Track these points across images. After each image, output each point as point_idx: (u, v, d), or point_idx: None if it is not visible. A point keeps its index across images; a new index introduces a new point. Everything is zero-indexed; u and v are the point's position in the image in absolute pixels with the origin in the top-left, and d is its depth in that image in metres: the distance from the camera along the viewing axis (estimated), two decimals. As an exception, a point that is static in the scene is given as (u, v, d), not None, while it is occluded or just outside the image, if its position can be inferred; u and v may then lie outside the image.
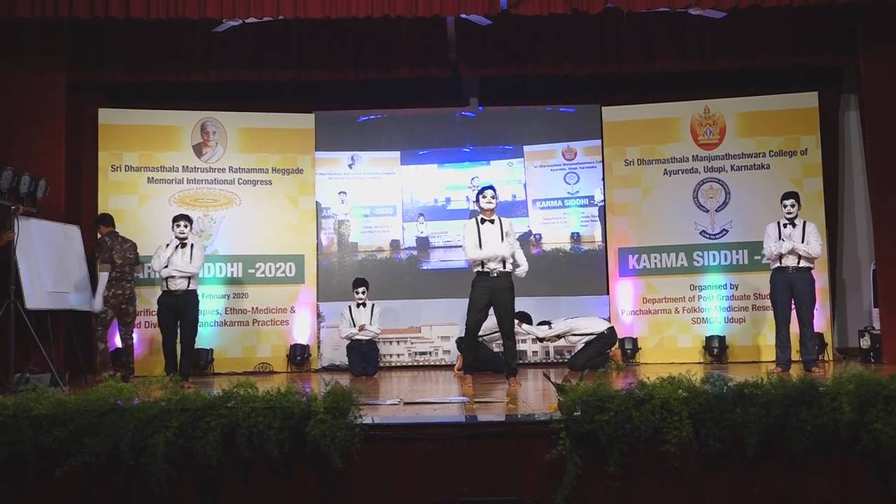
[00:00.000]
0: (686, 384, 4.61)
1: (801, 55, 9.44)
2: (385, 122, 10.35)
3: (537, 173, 10.27)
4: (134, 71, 9.41)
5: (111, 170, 9.53)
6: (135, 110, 9.64)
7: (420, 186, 10.33)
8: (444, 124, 10.37)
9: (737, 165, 9.75)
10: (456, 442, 4.60)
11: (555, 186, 10.19)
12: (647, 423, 4.44)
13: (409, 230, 10.28)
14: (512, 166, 10.33)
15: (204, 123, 9.82)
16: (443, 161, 10.36)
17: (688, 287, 9.70)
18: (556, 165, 10.29)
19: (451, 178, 10.34)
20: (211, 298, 9.53)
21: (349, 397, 4.58)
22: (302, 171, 9.99)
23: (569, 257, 10.10)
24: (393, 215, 10.29)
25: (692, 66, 9.58)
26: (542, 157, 10.33)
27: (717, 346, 9.38)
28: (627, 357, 9.42)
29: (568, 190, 10.23)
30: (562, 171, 10.26)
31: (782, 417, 4.52)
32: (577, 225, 10.18)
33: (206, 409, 4.54)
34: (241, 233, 9.74)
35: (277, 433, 4.45)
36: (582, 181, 10.20)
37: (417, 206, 10.31)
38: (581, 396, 4.54)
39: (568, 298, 9.77)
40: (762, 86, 9.82)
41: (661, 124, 9.93)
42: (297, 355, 9.59)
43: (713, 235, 9.72)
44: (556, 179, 10.24)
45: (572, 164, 10.24)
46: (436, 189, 10.32)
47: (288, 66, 9.56)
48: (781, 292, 7.82)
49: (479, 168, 10.33)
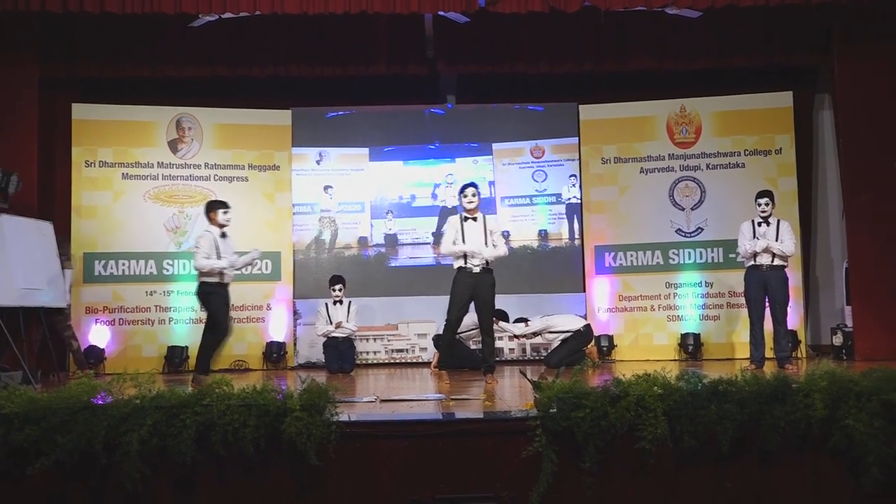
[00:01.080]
0: (661, 381, 4.63)
1: (776, 55, 9.52)
2: (354, 118, 10.32)
3: (506, 171, 10.32)
4: (108, 66, 9.33)
5: (85, 165, 9.44)
6: (109, 105, 9.56)
7: (388, 183, 10.33)
8: (414, 121, 10.38)
9: (712, 164, 9.83)
10: (432, 439, 4.59)
11: (523, 184, 10.26)
12: (622, 419, 4.46)
13: (378, 227, 10.28)
14: (477, 164, 10.35)
15: (179, 119, 9.75)
16: (408, 158, 10.36)
17: (663, 285, 9.76)
18: (524, 163, 10.35)
19: (416, 175, 10.35)
20: (186, 296, 9.47)
21: (325, 395, 4.57)
22: (278, 168, 9.95)
23: (536, 254, 10.19)
24: (361, 212, 10.27)
25: (669, 65, 9.64)
26: (510, 155, 10.38)
27: (692, 343, 9.45)
28: (603, 354, 9.46)
29: (536, 188, 10.29)
30: (530, 169, 10.33)
31: (756, 414, 4.55)
32: (544, 222, 10.26)
33: (181, 406, 4.51)
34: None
35: (253, 431, 4.43)
36: (550, 179, 10.27)
37: (386, 203, 10.31)
38: (557, 393, 4.55)
39: (544, 296, 9.80)
40: (738, 85, 9.89)
41: (637, 123, 9.99)
42: (274, 353, 9.56)
43: (689, 233, 9.79)
44: (524, 177, 10.31)
45: (540, 161, 10.30)
46: (403, 186, 10.32)
47: (264, 62, 9.52)
48: (755, 290, 7.89)
49: (445, 165, 10.33)
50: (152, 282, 9.49)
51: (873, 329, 8.68)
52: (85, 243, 9.37)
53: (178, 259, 9.56)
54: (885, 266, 8.79)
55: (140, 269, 9.48)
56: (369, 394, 6.15)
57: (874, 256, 8.86)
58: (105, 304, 9.36)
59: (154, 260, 9.53)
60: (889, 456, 4.44)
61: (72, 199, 9.36)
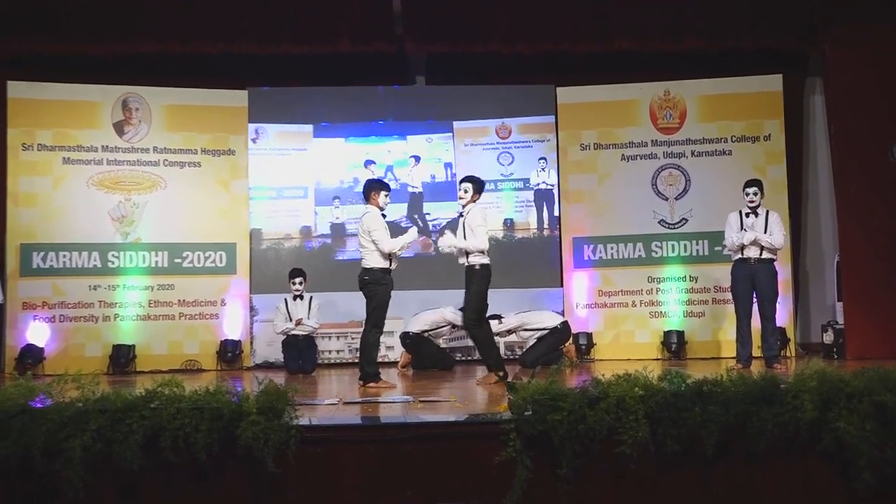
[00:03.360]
0: (643, 381, 4.67)
1: (765, 36, 9.56)
2: (297, 91, 10.15)
3: (467, 152, 10.19)
4: (48, 42, 9.17)
5: (22, 149, 9.31)
6: (49, 84, 9.42)
7: (334, 165, 10.08)
8: (367, 96, 10.20)
9: (697, 151, 9.90)
10: (399, 444, 4.59)
11: (486, 168, 10.05)
12: (601, 422, 4.49)
13: (323, 215, 10.07)
14: (431, 142, 10.12)
15: (126, 99, 9.64)
16: (354, 135, 10.08)
17: (645, 279, 9.82)
18: (488, 144, 10.24)
19: (358, 156, 10.09)
20: (133, 290, 9.40)
21: (284, 397, 4.56)
22: (234, 153, 9.87)
23: (501, 246, 9.98)
24: (303, 198, 10.09)
25: (652, 46, 9.65)
26: (473, 135, 10.24)
27: (676, 341, 9.52)
28: (582, 353, 9.50)
29: (501, 171, 10.19)
30: (494, 151, 10.22)
31: (742, 416, 4.60)
32: (510, 210, 10.21)
33: (127, 410, 4.47)
34: (166, 219, 9.59)
35: (205, 436, 4.41)
36: (517, 162, 10.20)
37: (332, 188, 10.11)
38: (532, 395, 4.56)
39: (519, 291, 9.80)
40: (725, 68, 9.94)
41: (618, 107, 10.02)
42: (228, 352, 9.50)
43: (672, 225, 9.85)
44: (488, 160, 10.19)
45: (506, 143, 10.23)
46: (349, 168, 10.04)
47: (219, 38, 9.41)
48: (743, 285, 7.97)
49: (392, 143, 10.07)
50: (96, 275, 9.38)
51: (865, 326, 8.78)
52: (22, 233, 9.25)
53: (124, 251, 9.46)
54: (879, 260, 8.90)
55: (83, 261, 9.37)
56: (331, 396, 6.14)
57: (867, 250, 8.96)
58: (44, 299, 9.24)
59: (98, 252, 9.42)
60: (881, 460, 4.50)
61: (7, 186, 9.22)
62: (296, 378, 8.24)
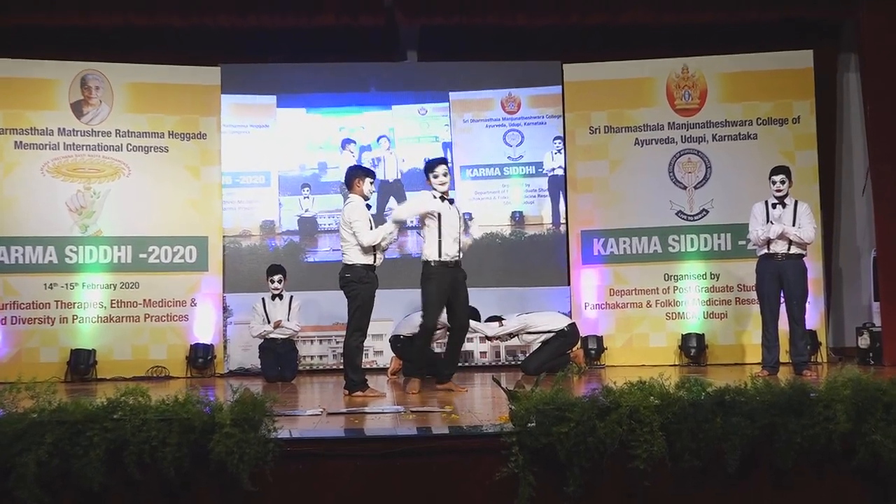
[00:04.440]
0: (658, 390, 4.67)
1: (794, 8, 9.58)
2: (277, 68, 9.93)
3: (467, 130, 9.89)
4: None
5: (-31, 132, 9.32)
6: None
7: (303, 144, 9.79)
8: (348, 68, 9.90)
9: (719, 135, 9.91)
10: (389, 459, 4.60)
11: (491, 148, 9.91)
12: (612, 435, 4.49)
13: (290, 207, 9.80)
14: (425, 115, 9.67)
15: (85, 77, 9.63)
16: (322, 105, 9.69)
17: (661, 277, 9.84)
18: (493, 120, 9.95)
19: (332, 132, 9.67)
20: (93, 289, 9.39)
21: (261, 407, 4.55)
22: (205, 137, 9.86)
23: (508, 245, 9.88)
24: (264, 186, 9.90)
25: (669, 18, 9.67)
26: (474, 108, 9.87)
27: (695, 345, 9.54)
28: (591, 358, 9.52)
29: (509, 154, 9.97)
30: (500, 128, 9.94)
31: (768, 428, 4.61)
32: (519, 201, 10.05)
33: (88, 421, 4.46)
34: (130, 210, 9.59)
35: (174, 450, 4.40)
36: (528, 142, 10.00)
37: (300, 174, 9.85)
38: (536, 405, 4.57)
39: (521, 290, 9.82)
40: (749, 42, 9.95)
41: (631, 86, 10.03)
42: (199, 357, 9.50)
43: (691, 216, 9.86)
44: (492, 139, 9.94)
45: (515, 118, 10.00)
46: (319, 148, 9.74)
47: (188, 8, 9.40)
48: (769, 283, 7.98)
49: (374, 114, 9.63)
50: (53, 272, 9.37)
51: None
52: (-30, 226, 9.25)
53: (83, 245, 9.45)
54: (920, 256, 8.93)
55: (37, 256, 9.36)
56: (314, 406, 6.14)
57: (907, 244, 9.00)
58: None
59: (54, 246, 9.41)
60: (921, 476, 4.52)
61: (-46, 173, 9.23)
62: (274, 386, 8.23)
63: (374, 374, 9.25)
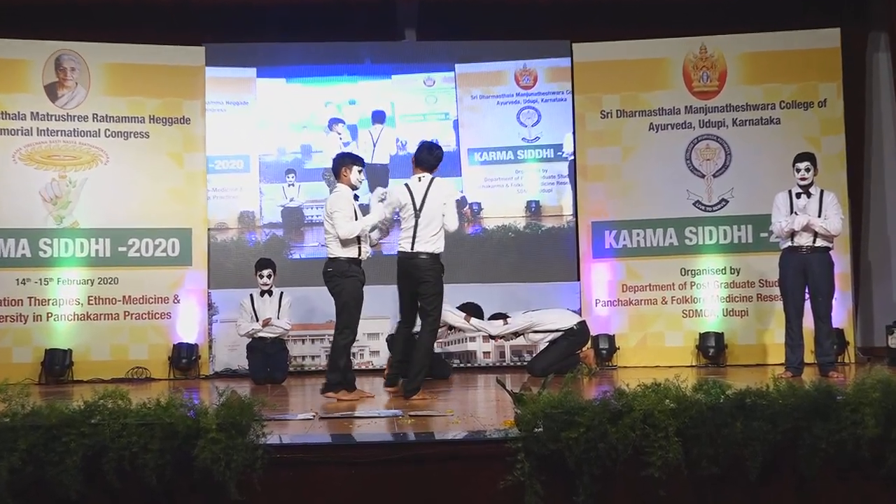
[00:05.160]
0: (674, 393, 4.67)
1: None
2: (264, 48, 9.81)
3: (476, 108, 9.77)
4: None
5: (-65, 116, 9.34)
6: (-34, 39, 9.44)
7: (288, 123, 9.62)
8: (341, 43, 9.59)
9: (740, 119, 9.91)
10: (386, 466, 4.60)
11: (503, 128, 9.81)
12: (625, 441, 4.50)
13: (272, 196, 9.69)
14: (433, 87, 9.40)
15: (60, 57, 9.63)
16: (308, 75, 9.38)
17: (678, 271, 9.85)
18: (506, 96, 9.80)
19: (319, 108, 9.34)
20: (69, 285, 9.39)
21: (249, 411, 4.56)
22: (188, 121, 9.86)
23: (523, 239, 9.81)
24: (243, 172, 9.81)
25: (686, -7, 9.70)
26: (484, 82, 9.68)
27: (714, 345, 9.55)
28: (602, 359, 9.53)
29: (524, 135, 9.84)
30: (514, 106, 9.81)
31: (792, 433, 4.61)
32: (535, 189, 9.99)
33: (64, 426, 4.47)
34: (108, 200, 9.60)
35: (156, 457, 4.41)
36: (545, 121, 9.90)
37: (280, 159, 9.71)
38: (544, 408, 4.57)
39: (527, 286, 9.82)
40: (772, 20, 9.94)
41: (646, 67, 10.03)
42: (183, 357, 9.52)
43: (710, 207, 9.87)
44: (505, 117, 9.81)
45: (531, 94, 9.88)
46: (305, 128, 9.52)
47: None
48: (793, 278, 7.98)
49: (371, 85, 9.34)
50: (25, 267, 9.39)
51: (939, 327, 8.83)
52: (-63, 217, 9.27)
53: (58, 238, 9.46)
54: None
55: (9, 250, 9.37)
56: (306, 410, 6.15)
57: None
58: (-37, 295, 9.27)
59: (27, 239, 9.42)
60: (956, 484, 4.53)
61: (-81, 160, 9.25)
62: (263, 388, 8.25)
63: (371, 375, 9.27)
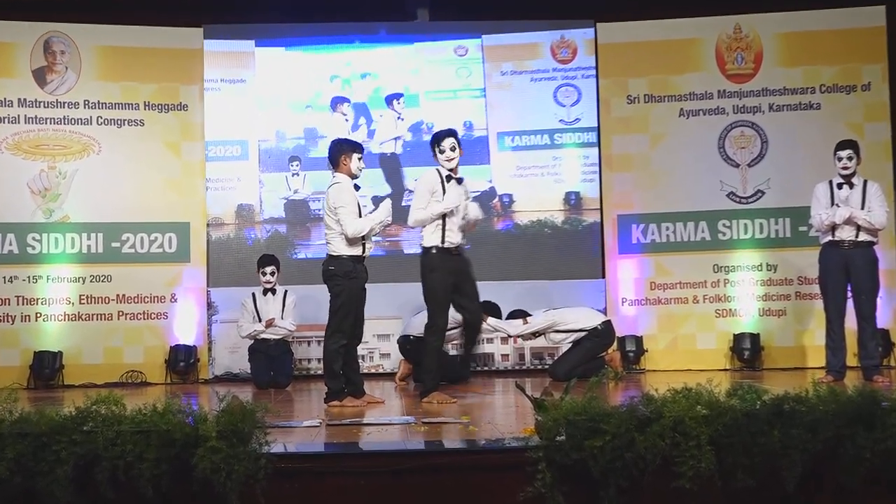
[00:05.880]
0: (707, 398, 4.67)
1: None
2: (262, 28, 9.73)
3: (505, 85, 9.64)
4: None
5: (-84, 103, 9.39)
6: (-53, 20, 9.48)
7: (292, 100, 9.49)
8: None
9: (777, 105, 9.87)
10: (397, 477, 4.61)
11: (538, 109, 9.72)
12: (654, 450, 4.49)
13: (273, 187, 9.61)
14: (464, 56, 9.03)
15: (48, 40, 9.66)
16: (315, 44, 9.16)
17: (710, 268, 9.83)
18: (540, 71, 9.63)
19: (323, 83, 9.14)
20: (59, 283, 9.42)
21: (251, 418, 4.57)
22: (186, 108, 9.88)
23: (560, 234, 9.71)
24: (240, 159, 9.77)
25: (719, -32, 9.68)
26: (515, 56, 9.51)
27: (749, 347, 9.53)
28: (629, 362, 9.53)
29: (561, 116, 9.74)
30: (551, 83, 9.67)
31: (833, 441, 4.60)
32: (575, 179, 9.88)
33: (54, 434, 4.48)
34: (101, 192, 9.64)
35: (152, 466, 4.42)
36: (585, 101, 9.82)
37: (279, 145, 9.63)
38: (566, 415, 4.57)
39: (548, 283, 9.81)
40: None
41: (676, 48, 10.01)
42: (180, 360, 9.55)
43: (744, 199, 9.84)
44: (539, 97, 9.66)
45: (569, 69, 9.76)
46: (310, 106, 9.37)
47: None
48: (835, 275, 7.95)
49: (389, 51, 9.13)
50: (12, 264, 9.43)
51: None
52: (-82, 211, 9.32)
53: (47, 233, 9.50)
54: None
55: (-5, 246, 9.43)
56: (312, 416, 6.16)
57: None
58: (-53, 294, 9.31)
59: (14, 234, 9.46)
60: None
61: None
62: (266, 393, 8.28)
63: (381, 379, 9.28)
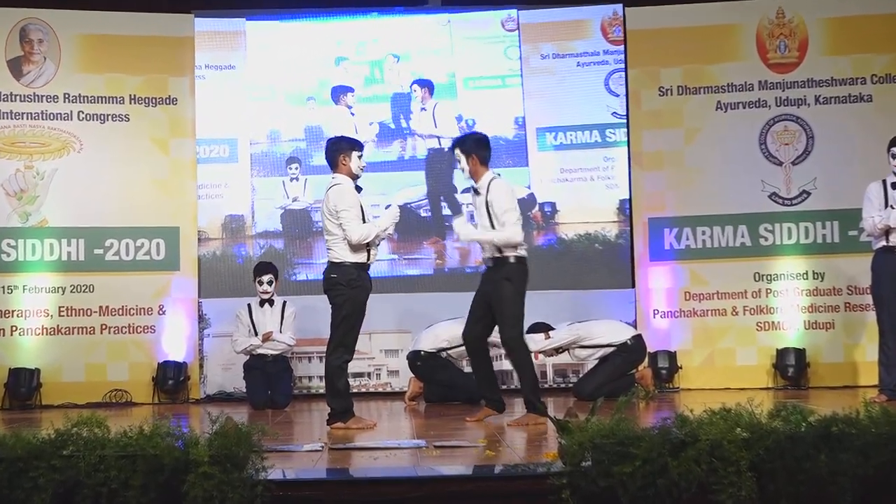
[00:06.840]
0: (747, 420, 4.66)
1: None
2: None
3: (546, 69, 9.55)
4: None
5: None
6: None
7: (289, 88, 9.49)
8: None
9: (824, 97, 9.86)
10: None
11: (586, 101, 9.64)
12: (689, 476, 4.49)
13: (267, 193, 9.57)
14: (514, 32, 8.78)
15: (25, 27, 9.70)
16: (314, 15, 9.07)
17: (751, 276, 9.81)
18: (587, 55, 9.47)
19: (327, 67, 9.07)
20: (37, 293, 9.44)
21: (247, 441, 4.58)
22: (175, 102, 9.91)
23: (612, 251, 9.68)
24: (229, 161, 9.80)
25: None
26: (554, 35, 9.37)
27: (794, 363, 9.50)
28: (661, 380, 9.51)
29: (614, 109, 9.71)
30: (601, 68, 9.58)
31: (887, 466, 4.59)
32: (624, 184, 9.82)
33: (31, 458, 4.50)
34: (82, 194, 9.67)
35: (139, 494, 4.43)
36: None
37: (272, 148, 9.57)
38: (592, 438, 4.57)
39: (574, 293, 9.80)
40: (862, -22, 9.93)
41: (712, 34, 10.00)
42: (169, 379, 9.55)
43: (788, 200, 9.83)
44: (588, 85, 9.49)
45: (622, 51, 9.76)
46: (311, 95, 9.34)
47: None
48: (889, 284, 7.94)
49: (411, 22, 9.04)
50: (-14, 272, 9.47)
51: None
52: None
53: (23, 238, 9.52)
54: None
55: (-33, 253, 9.47)
56: (313, 439, 6.17)
57: None
58: (-85, 305, 9.36)
59: (-12, 240, 9.51)
60: None
61: None
62: (263, 414, 8.29)
63: (389, 398, 9.29)
